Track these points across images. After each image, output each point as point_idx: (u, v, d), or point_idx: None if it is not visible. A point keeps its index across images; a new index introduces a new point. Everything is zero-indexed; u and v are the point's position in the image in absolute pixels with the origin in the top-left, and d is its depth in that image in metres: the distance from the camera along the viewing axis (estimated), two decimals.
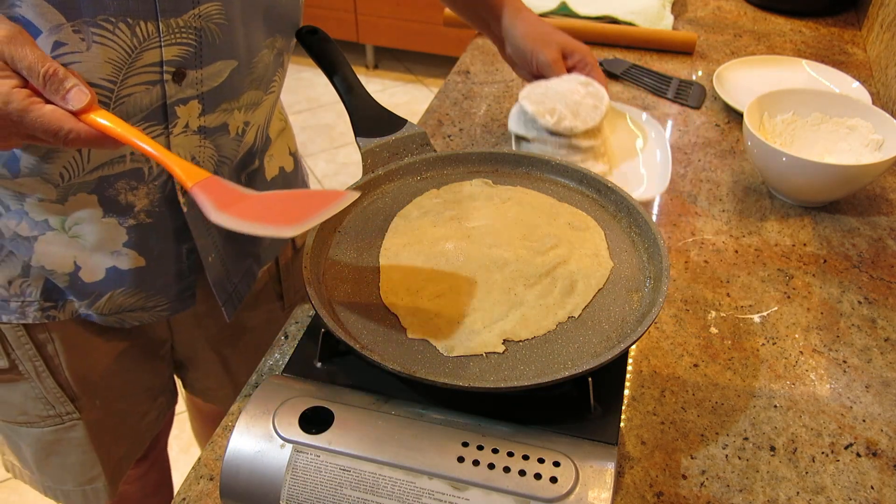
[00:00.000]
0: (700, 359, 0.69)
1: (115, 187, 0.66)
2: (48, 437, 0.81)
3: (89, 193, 0.66)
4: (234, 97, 0.68)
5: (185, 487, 0.59)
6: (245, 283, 0.84)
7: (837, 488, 0.59)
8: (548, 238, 0.65)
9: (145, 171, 0.67)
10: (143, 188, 0.67)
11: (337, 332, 0.55)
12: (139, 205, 0.68)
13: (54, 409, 0.79)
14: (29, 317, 0.72)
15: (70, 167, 0.63)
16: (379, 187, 0.72)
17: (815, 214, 0.88)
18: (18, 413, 0.79)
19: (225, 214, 0.52)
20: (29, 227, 0.67)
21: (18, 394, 0.78)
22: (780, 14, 1.37)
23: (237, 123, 0.71)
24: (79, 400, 0.80)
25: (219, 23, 0.62)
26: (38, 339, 0.74)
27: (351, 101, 0.77)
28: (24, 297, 0.71)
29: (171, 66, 0.61)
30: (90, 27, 0.55)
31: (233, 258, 0.80)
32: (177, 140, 0.66)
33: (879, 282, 0.78)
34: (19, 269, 0.70)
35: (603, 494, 0.48)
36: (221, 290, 0.80)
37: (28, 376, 0.76)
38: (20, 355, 0.75)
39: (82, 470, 0.85)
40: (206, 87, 0.65)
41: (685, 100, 1.10)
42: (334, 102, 2.97)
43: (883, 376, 0.68)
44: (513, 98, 1.10)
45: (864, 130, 0.90)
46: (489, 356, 0.56)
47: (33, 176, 0.63)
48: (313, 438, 0.51)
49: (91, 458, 0.84)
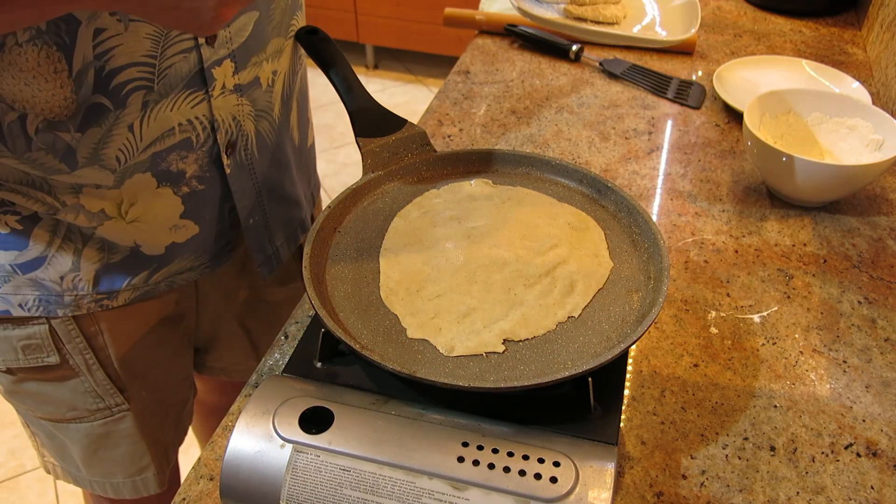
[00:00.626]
0: (700, 359, 0.69)
1: (167, 160, 0.68)
2: (98, 431, 0.82)
3: (143, 172, 0.67)
4: (261, 48, 0.70)
5: (185, 487, 0.59)
6: (287, 246, 0.86)
7: (837, 488, 0.59)
8: (548, 238, 0.65)
9: (193, 140, 0.68)
10: (192, 155, 0.69)
11: (337, 332, 0.55)
12: (189, 171, 0.70)
13: (104, 402, 0.80)
14: (83, 308, 0.73)
15: (125, 149, 0.64)
16: (379, 187, 0.72)
17: (815, 214, 0.88)
18: (68, 409, 0.80)
19: None
20: (87, 219, 0.68)
21: (67, 390, 0.78)
22: (780, 14, 1.37)
23: (266, 74, 0.73)
24: (127, 390, 0.81)
25: None
26: (88, 331, 0.75)
27: (351, 101, 0.77)
28: (76, 290, 0.72)
29: None
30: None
31: (278, 222, 0.82)
32: (217, 102, 0.68)
33: (879, 282, 0.78)
34: (70, 264, 0.71)
35: (603, 494, 0.48)
36: (260, 251, 0.81)
37: (79, 370, 0.77)
38: (70, 349, 0.75)
39: (132, 460, 0.86)
40: (236, 43, 0.67)
41: (685, 100, 1.10)
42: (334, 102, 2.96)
43: (883, 376, 0.68)
44: (513, 98, 1.10)
45: (864, 130, 0.90)
46: (489, 356, 0.56)
47: (91, 165, 0.64)
48: (313, 438, 0.51)
49: (140, 448, 0.85)
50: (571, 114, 1.07)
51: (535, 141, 1.01)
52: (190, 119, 0.67)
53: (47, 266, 0.70)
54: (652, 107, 1.09)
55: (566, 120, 1.05)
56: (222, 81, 0.67)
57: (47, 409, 0.80)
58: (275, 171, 0.80)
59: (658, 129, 1.04)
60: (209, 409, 1.20)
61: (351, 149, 2.75)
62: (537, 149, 0.99)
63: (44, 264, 0.70)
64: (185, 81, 0.64)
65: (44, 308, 0.72)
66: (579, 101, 1.09)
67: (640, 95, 1.11)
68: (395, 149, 0.74)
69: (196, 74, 0.65)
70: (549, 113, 1.07)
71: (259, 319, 0.96)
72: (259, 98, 0.73)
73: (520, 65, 1.20)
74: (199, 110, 0.67)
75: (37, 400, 0.80)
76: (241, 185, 0.75)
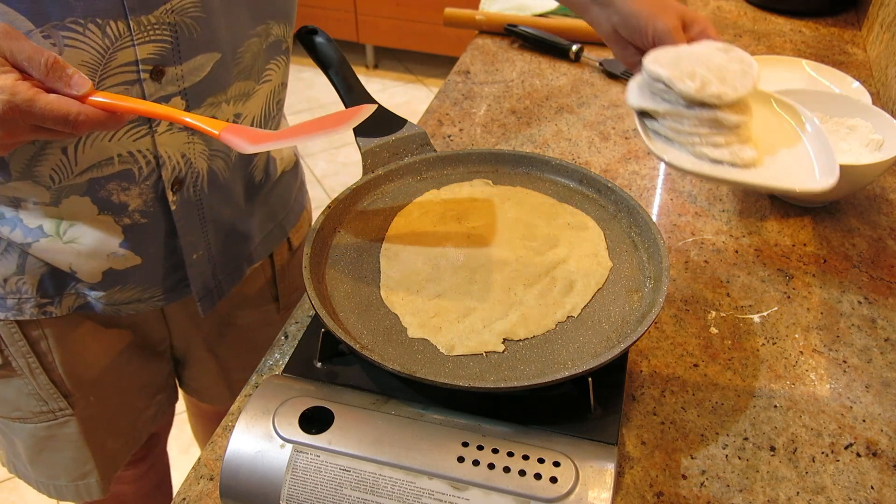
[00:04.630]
0: (700, 359, 0.69)
1: (106, 188, 0.66)
2: (41, 433, 0.82)
3: (82, 196, 0.66)
4: (221, 90, 0.67)
5: (185, 487, 0.59)
6: (230, 280, 0.84)
7: (837, 488, 0.59)
8: (547, 238, 0.65)
9: (135, 172, 0.66)
10: (134, 188, 0.67)
11: (337, 332, 0.55)
12: (133, 204, 0.68)
13: (47, 405, 0.79)
14: (25, 313, 0.72)
15: (59, 169, 0.63)
16: (379, 187, 0.72)
17: (815, 214, 0.88)
18: (12, 409, 0.80)
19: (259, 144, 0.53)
20: (23, 234, 0.67)
21: (12, 389, 0.78)
22: (780, 14, 1.37)
23: (226, 116, 0.70)
24: (72, 396, 0.80)
25: (195, 16, 0.61)
26: (31, 335, 0.75)
27: (351, 101, 0.77)
28: (20, 293, 0.71)
29: (147, 64, 0.60)
30: (59, 31, 0.55)
31: (222, 254, 0.80)
32: (162, 139, 0.66)
33: (879, 282, 0.78)
34: (14, 266, 0.70)
35: (603, 494, 0.48)
36: (202, 286, 0.79)
37: (21, 373, 0.76)
38: (13, 352, 0.75)
39: (75, 465, 0.85)
40: (189, 82, 0.64)
41: None
42: (334, 102, 2.97)
43: (883, 376, 0.68)
44: (513, 98, 1.10)
45: (864, 130, 0.90)
46: (489, 355, 0.56)
47: (24, 179, 0.63)
48: (313, 438, 0.51)
49: (84, 453, 0.84)
50: (571, 114, 1.07)
51: (535, 141, 1.01)
52: (131, 151, 0.65)
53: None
54: None
55: (566, 120, 1.05)
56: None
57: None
58: (226, 208, 0.78)
59: None
60: (208, 414, 1.19)
61: (351, 149, 2.75)
62: (537, 149, 0.99)
63: None
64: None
65: None
66: (579, 101, 1.09)
67: None
68: (395, 149, 0.74)
69: None
70: (549, 113, 1.07)
71: (228, 345, 0.94)
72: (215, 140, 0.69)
73: (520, 65, 1.20)
74: (142, 144, 0.65)
75: None
76: (188, 221, 0.73)
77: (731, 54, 0.66)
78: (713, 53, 0.66)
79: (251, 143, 0.53)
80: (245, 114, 0.72)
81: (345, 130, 0.54)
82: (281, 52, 0.73)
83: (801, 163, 0.65)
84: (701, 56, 0.65)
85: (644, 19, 0.70)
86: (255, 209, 0.84)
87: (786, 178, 0.62)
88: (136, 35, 0.58)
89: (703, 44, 0.68)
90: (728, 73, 0.63)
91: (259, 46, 0.69)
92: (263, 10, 0.68)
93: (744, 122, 0.63)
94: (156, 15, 0.58)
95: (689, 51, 0.66)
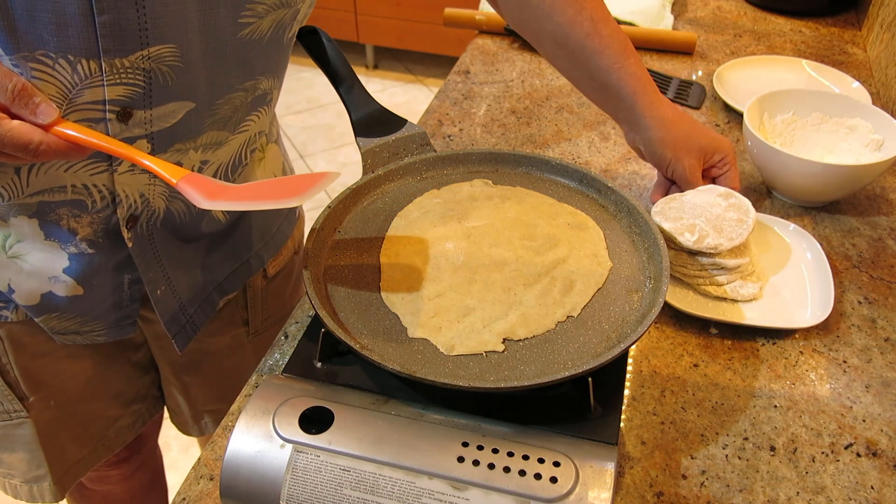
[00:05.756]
0: (700, 359, 0.69)
1: (56, 213, 0.64)
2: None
3: (30, 217, 0.64)
4: (191, 137, 0.65)
5: (185, 487, 0.59)
6: (202, 313, 0.81)
7: (837, 488, 0.59)
8: (547, 238, 0.65)
9: (88, 203, 0.65)
10: (86, 217, 0.66)
11: (337, 332, 0.55)
12: (82, 233, 0.66)
13: (1, 406, 0.78)
14: None
15: (9, 188, 0.61)
16: (379, 187, 0.72)
17: (815, 214, 0.88)
18: None
19: (216, 201, 0.52)
20: None
21: None
22: (780, 14, 1.37)
23: (192, 162, 0.67)
24: (27, 399, 0.79)
25: (172, 65, 0.59)
26: None
27: (351, 101, 0.77)
28: None
29: (115, 105, 0.58)
30: (28, 62, 0.53)
31: (188, 289, 0.78)
32: (122, 178, 0.64)
33: (879, 282, 0.78)
34: None
35: (603, 494, 0.48)
36: (173, 322, 0.77)
37: None
38: None
39: (28, 467, 0.84)
40: (157, 126, 0.62)
41: (685, 100, 1.10)
42: (334, 102, 2.97)
43: (883, 376, 0.68)
44: (513, 98, 1.10)
45: (864, 130, 0.90)
46: (489, 355, 0.56)
47: None
48: (313, 438, 0.51)
49: (37, 457, 0.83)
50: (571, 114, 1.07)
51: (535, 141, 1.01)
52: (86, 184, 0.63)
53: None
54: None
55: (566, 120, 1.05)
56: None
57: None
58: (181, 247, 0.75)
59: None
60: None
61: (351, 149, 2.75)
62: (537, 149, 0.99)
63: None
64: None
65: None
66: (579, 101, 1.09)
67: None
68: (395, 149, 0.74)
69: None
70: (549, 113, 1.07)
71: (197, 373, 0.92)
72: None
73: (520, 65, 1.20)
74: (99, 180, 0.63)
75: None
76: (145, 258, 0.71)
77: (730, 201, 0.75)
78: (714, 202, 0.74)
79: (207, 198, 0.52)
80: (212, 161, 0.70)
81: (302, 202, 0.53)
82: (265, 104, 0.72)
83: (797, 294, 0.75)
84: (702, 206, 0.74)
85: (666, 160, 0.78)
86: (224, 245, 0.81)
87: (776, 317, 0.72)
88: (108, 76, 0.56)
89: (706, 189, 0.76)
90: (725, 224, 0.72)
91: (243, 100, 0.68)
92: (254, 68, 0.66)
93: (742, 263, 0.73)
94: (130, 60, 0.56)
95: (692, 200, 0.75)
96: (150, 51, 0.57)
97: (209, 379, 0.93)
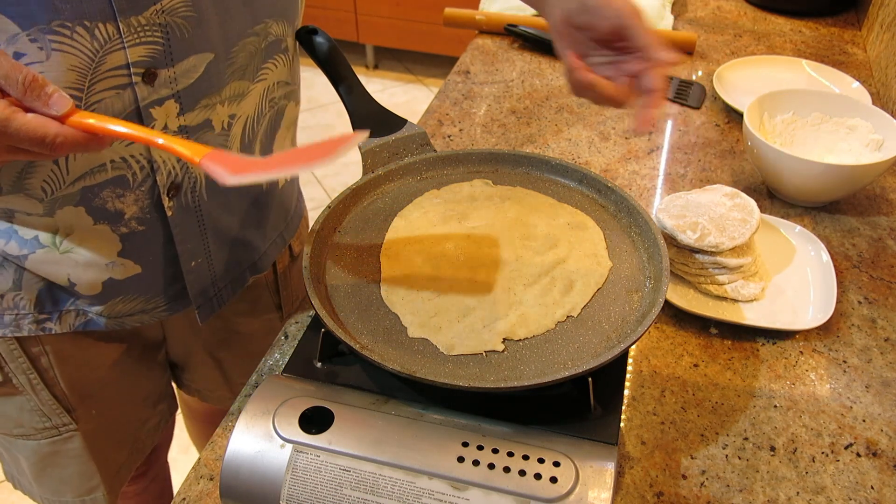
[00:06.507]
0: (700, 359, 0.69)
1: (100, 196, 0.64)
2: (45, 450, 0.80)
3: (76, 206, 0.64)
4: (215, 91, 0.66)
5: (185, 487, 0.59)
6: (231, 289, 0.82)
7: (837, 488, 0.59)
8: (547, 238, 0.65)
9: (129, 178, 0.64)
10: (130, 195, 0.65)
11: (337, 332, 0.55)
12: (129, 212, 0.66)
13: (50, 421, 0.78)
14: (24, 329, 0.71)
15: (51, 180, 0.61)
16: (379, 187, 0.72)
17: (815, 214, 0.87)
18: (14, 425, 0.78)
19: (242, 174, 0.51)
20: (18, 246, 0.66)
21: (14, 406, 0.76)
22: (780, 14, 1.37)
23: (221, 118, 0.68)
24: (75, 411, 0.79)
25: (186, 16, 0.59)
26: (31, 352, 0.73)
27: (351, 101, 0.77)
28: (17, 309, 0.70)
29: (139, 67, 0.58)
30: (46, 34, 0.53)
31: (223, 264, 0.78)
32: None
33: (879, 282, 0.78)
34: (10, 282, 0.68)
35: (603, 494, 0.48)
36: (200, 294, 0.77)
37: (23, 389, 0.75)
38: (13, 368, 0.73)
39: (80, 481, 0.84)
40: (182, 84, 0.62)
41: (685, 100, 1.10)
42: (334, 102, 2.97)
43: (883, 376, 0.68)
44: (513, 98, 1.10)
45: (864, 130, 0.90)
46: (489, 355, 0.56)
47: (15, 193, 0.61)
48: (313, 438, 0.51)
49: (89, 468, 0.83)
50: (571, 114, 1.07)
51: (535, 141, 1.01)
52: (124, 157, 0.63)
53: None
54: None
55: (566, 120, 1.05)
56: (164, 122, 0.62)
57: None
58: (226, 215, 0.76)
59: (658, 129, 1.04)
60: (202, 415, 1.18)
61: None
62: (537, 149, 0.99)
63: None
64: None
65: None
66: (579, 101, 1.09)
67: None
68: (395, 149, 0.74)
69: (132, 113, 0.60)
70: (549, 113, 1.07)
71: (230, 351, 0.93)
72: (211, 141, 0.68)
73: (520, 65, 1.20)
74: (135, 149, 0.63)
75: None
76: (185, 228, 0.71)
77: (735, 201, 0.75)
78: (719, 201, 0.75)
79: (232, 173, 0.51)
80: (239, 114, 0.71)
81: (332, 161, 0.51)
82: (280, 51, 0.72)
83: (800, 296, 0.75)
84: (707, 205, 0.74)
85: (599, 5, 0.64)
86: (258, 218, 0.82)
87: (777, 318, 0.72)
88: (126, 37, 0.57)
89: (713, 190, 0.76)
90: (728, 223, 0.72)
91: (256, 46, 0.68)
92: (261, 10, 0.66)
93: (745, 263, 0.73)
94: (146, 16, 0.57)
95: (697, 199, 0.75)
96: (162, 4, 0.57)
97: (242, 356, 0.94)
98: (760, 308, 0.73)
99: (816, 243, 0.79)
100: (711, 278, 0.73)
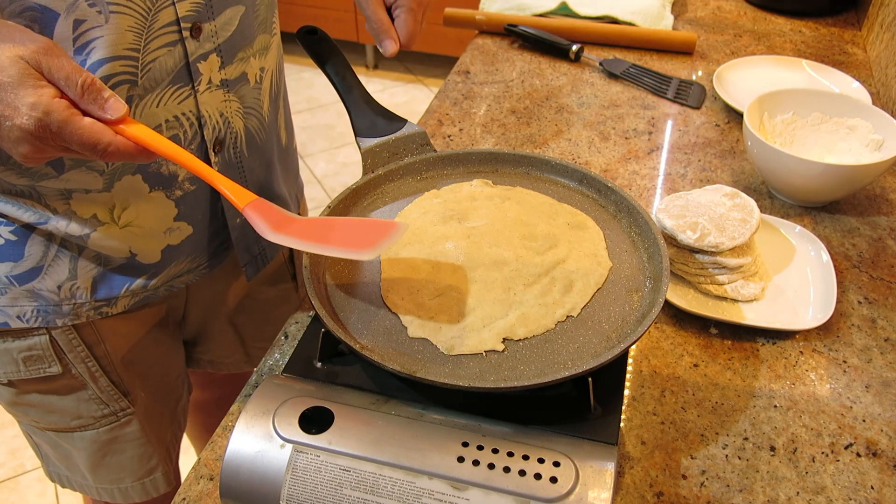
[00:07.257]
0: (700, 359, 0.69)
1: (157, 161, 0.67)
2: (104, 437, 0.82)
3: (133, 174, 0.66)
4: (248, 44, 0.70)
5: (185, 487, 0.59)
6: (272, 248, 0.85)
7: (837, 488, 0.59)
8: (547, 238, 0.65)
9: (181, 136, 0.67)
10: None
11: (337, 332, 0.55)
12: (182, 173, 0.69)
13: (109, 408, 0.80)
14: (83, 317, 0.72)
15: None
16: (379, 187, 0.72)
17: (815, 214, 0.88)
18: (73, 418, 0.79)
19: (282, 235, 0.55)
20: (79, 227, 0.67)
21: (72, 399, 0.78)
22: (780, 14, 1.37)
23: (254, 71, 0.72)
24: (130, 394, 0.81)
25: None
26: (89, 340, 0.75)
27: (351, 101, 0.77)
28: (75, 298, 0.71)
29: (187, 21, 0.62)
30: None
31: None
32: (203, 98, 0.67)
33: (879, 282, 0.78)
34: (66, 272, 0.70)
35: (603, 494, 0.48)
36: (246, 251, 0.80)
37: (82, 379, 0.76)
38: (72, 359, 0.75)
39: (140, 463, 0.85)
40: (221, 37, 0.66)
41: (685, 100, 1.10)
42: (334, 102, 2.97)
43: (883, 376, 0.68)
44: (513, 98, 1.10)
45: (864, 130, 0.90)
46: (489, 355, 0.56)
47: (78, 168, 0.64)
48: (313, 438, 0.51)
49: (148, 449, 0.85)
50: (571, 114, 1.07)
51: (535, 141, 1.01)
52: (177, 115, 0.66)
53: (44, 276, 0.69)
54: (652, 107, 1.09)
55: (566, 120, 1.05)
56: (208, 76, 0.66)
57: (52, 419, 0.80)
58: (263, 170, 0.79)
59: (658, 129, 1.04)
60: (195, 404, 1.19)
61: (351, 149, 2.75)
62: (537, 149, 0.99)
63: (40, 274, 0.69)
64: (171, 76, 0.63)
65: (42, 318, 0.71)
66: (579, 101, 1.09)
67: (640, 95, 1.11)
68: (395, 149, 0.74)
69: (182, 69, 0.64)
70: (549, 113, 1.07)
71: (248, 316, 0.95)
72: (247, 95, 0.72)
73: (520, 65, 1.20)
74: (186, 106, 0.66)
75: (40, 410, 0.79)
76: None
77: (735, 201, 0.75)
78: (719, 201, 0.75)
79: (273, 230, 0.55)
80: (267, 68, 0.75)
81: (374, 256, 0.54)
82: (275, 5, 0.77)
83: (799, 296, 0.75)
84: (707, 205, 0.74)
85: None
86: (284, 175, 0.85)
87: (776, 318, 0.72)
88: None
89: (713, 190, 0.76)
90: (728, 223, 0.72)
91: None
92: None
93: (745, 263, 0.73)
94: None
95: (698, 198, 0.75)
96: None
97: (258, 320, 0.96)
98: (760, 308, 0.73)
99: (816, 243, 0.79)
100: (711, 278, 0.73)
